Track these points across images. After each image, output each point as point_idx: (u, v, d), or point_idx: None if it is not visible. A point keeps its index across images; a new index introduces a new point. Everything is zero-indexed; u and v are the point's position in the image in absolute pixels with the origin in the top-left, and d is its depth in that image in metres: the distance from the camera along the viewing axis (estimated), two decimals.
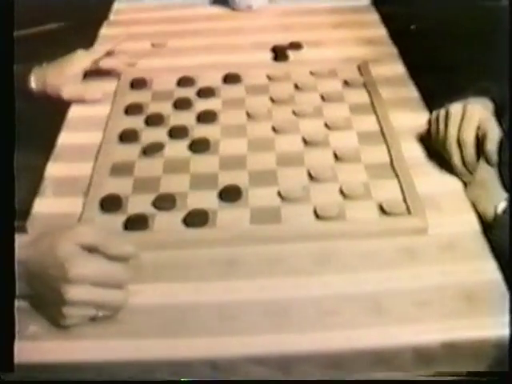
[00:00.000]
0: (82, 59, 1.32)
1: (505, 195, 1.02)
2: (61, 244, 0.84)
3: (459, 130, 1.05)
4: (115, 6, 1.69)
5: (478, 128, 1.04)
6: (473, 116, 1.05)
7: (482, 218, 1.00)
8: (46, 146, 1.19)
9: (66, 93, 1.27)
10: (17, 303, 0.83)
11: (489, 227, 0.99)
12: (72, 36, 1.64)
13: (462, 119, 1.06)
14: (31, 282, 0.84)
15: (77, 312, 0.83)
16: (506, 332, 0.83)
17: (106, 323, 0.85)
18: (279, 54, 1.42)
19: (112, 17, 1.65)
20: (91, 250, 0.85)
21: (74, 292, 0.81)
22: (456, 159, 1.05)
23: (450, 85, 1.24)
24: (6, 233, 0.81)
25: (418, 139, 1.15)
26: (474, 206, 1.02)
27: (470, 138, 1.04)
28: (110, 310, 0.85)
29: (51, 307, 0.84)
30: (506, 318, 0.84)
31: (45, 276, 0.83)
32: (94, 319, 0.85)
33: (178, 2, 1.69)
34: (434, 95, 1.24)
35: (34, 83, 1.25)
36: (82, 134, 1.21)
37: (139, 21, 1.61)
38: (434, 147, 1.10)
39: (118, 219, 1.01)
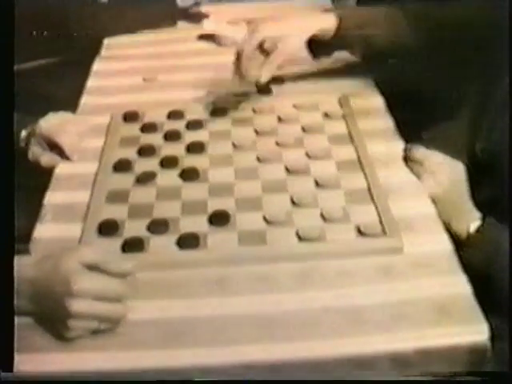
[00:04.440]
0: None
1: (478, 215, 1.11)
2: (65, 263, 0.91)
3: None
4: (106, 41, 1.76)
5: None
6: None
7: (454, 238, 1.09)
8: (43, 176, 1.27)
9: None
10: (21, 319, 0.92)
11: (462, 245, 1.07)
12: (64, 71, 1.72)
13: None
14: (36, 299, 0.92)
15: (80, 324, 0.90)
16: (475, 338, 0.91)
17: (107, 336, 0.93)
18: (262, 88, 1.49)
19: (103, 52, 1.72)
20: (92, 267, 0.93)
21: (77, 305, 0.89)
22: None
23: (422, 116, 1.33)
24: (6, 244, 0.90)
25: (394, 166, 1.23)
26: (447, 226, 1.11)
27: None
28: (111, 322, 0.92)
29: (56, 321, 0.91)
30: (476, 327, 0.92)
31: (50, 292, 0.90)
32: (95, 332, 0.92)
33: (167, 38, 1.77)
34: (408, 126, 1.34)
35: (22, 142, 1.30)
36: (78, 164, 1.28)
37: (130, 56, 1.69)
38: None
39: (115, 242, 1.08)
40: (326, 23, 1.34)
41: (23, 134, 1.30)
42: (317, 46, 1.38)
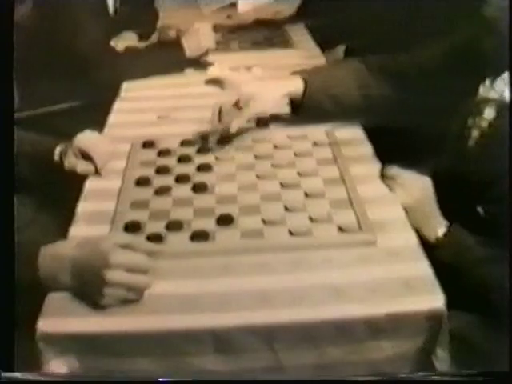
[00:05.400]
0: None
1: (444, 222, 1.36)
2: (102, 243, 1.15)
3: None
4: (125, 84, 2.03)
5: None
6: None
7: (423, 241, 1.32)
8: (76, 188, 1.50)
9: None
10: (63, 294, 1.15)
11: (431, 248, 1.31)
12: (85, 113, 1.95)
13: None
14: (76, 273, 1.14)
15: (113, 292, 1.12)
16: (434, 305, 1.13)
17: (134, 305, 1.14)
18: (261, 123, 1.73)
19: (123, 93, 1.99)
20: (124, 247, 1.16)
21: (112, 274, 1.11)
22: None
23: (395, 144, 1.57)
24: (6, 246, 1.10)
25: (371, 182, 1.46)
26: (416, 229, 1.34)
27: None
28: (138, 291, 1.14)
29: (92, 291, 1.13)
30: (434, 296, 1.14)
31: (89, 266, 1.13)
32: (124, 302, 1.14)
33: (178, 82, 2.04)
34: (384, 152, 1.58)
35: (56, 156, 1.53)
36: (105, 181, 1.52)
37: (146, 97, 1.96)
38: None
39: (139, 239, 1.29)
40: (294, 86, 1.63)
41: (58, 149, 1.53)
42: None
